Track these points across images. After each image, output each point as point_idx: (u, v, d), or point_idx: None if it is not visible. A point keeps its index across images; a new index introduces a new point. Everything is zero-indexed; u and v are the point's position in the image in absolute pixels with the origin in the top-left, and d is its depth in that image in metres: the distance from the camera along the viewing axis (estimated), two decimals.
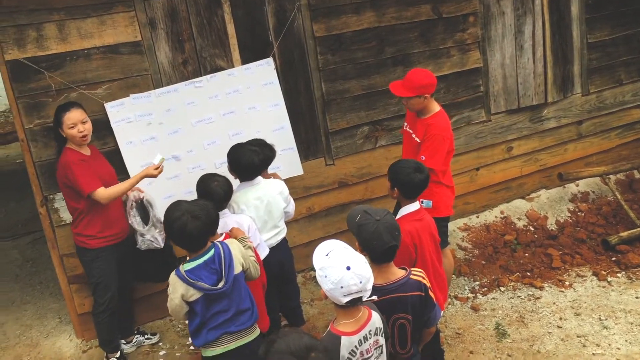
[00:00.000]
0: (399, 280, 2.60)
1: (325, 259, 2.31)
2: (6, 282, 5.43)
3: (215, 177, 3.49)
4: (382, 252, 2.56)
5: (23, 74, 3.85)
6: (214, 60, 4.40)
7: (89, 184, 3.65)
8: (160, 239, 3.92)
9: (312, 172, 4.86)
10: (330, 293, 2.26)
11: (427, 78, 3.99)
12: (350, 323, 2.33)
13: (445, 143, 4.00)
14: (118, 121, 4.12)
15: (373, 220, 2.57)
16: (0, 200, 7.70)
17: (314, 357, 1.89)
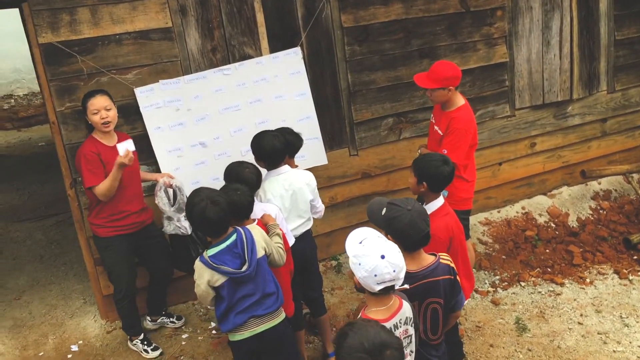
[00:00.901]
0: (430, 266, 2.63)
1: (360, 246, 2.34)
2: (31, 262, 5.53)
3: (245, 164, 3.51)
4: (418, 240, 2.59)
5: (56, 57, 3.91)
6: (243, 48, 4.43)
7: (90, 178, 3.68)
8: (187, 226, 3.95)
9: (336, 162, 4.88)
10: (363, 281, 2.29)
11: (452, 70, 3.99)
12: (382, 310, 2.36)
13: (468, 137, 4.01)
14: (147, 106, 4.17)
15: (405, 211, 2.59)
16: (24, 183, 7.82)
17: (389, 356, 1.86)
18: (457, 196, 4.05)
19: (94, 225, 3.87)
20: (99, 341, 4.26)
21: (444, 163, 3.22)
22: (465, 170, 4.12)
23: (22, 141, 10.53)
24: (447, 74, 3.96)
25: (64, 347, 4.22)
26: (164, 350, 4.12)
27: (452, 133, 3.98)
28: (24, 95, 11.75)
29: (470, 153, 4.14)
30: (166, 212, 3.91)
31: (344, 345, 1.91)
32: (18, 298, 4.89)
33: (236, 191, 3.09)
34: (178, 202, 3.95)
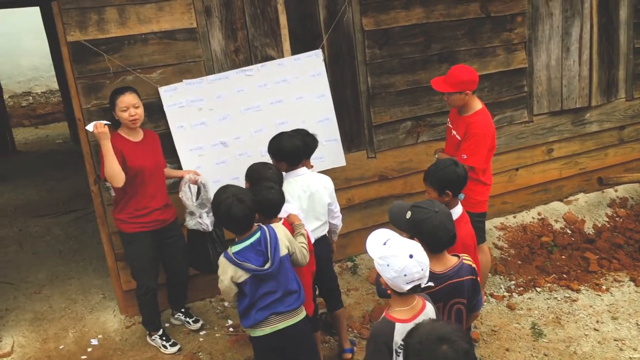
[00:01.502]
0: (455, 266, 2.67)
1: (385, 248, 2.37)
2: (50, 257, 5.61)
3: (268, 164, 3.55)
4: (446, 241, 2.62)
5: (83, 55, 3.98)
6: (265, 50, 4.48)
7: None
8: (209, 223, 4.00)
9: (353, 164, 4.92)
10: (392, 281, 2.32)
11: (469, 74, 4.02)
12: (405, 310, 2.40)
13: (487, 141, 4.03)
14: (171, 105, 4.23)
15: (433, 213, 2.62)
16: (42, 179, 7.94)
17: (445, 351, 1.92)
18: (473, 199, 4.08)
19: (118, 221, 3.93)
20: (119, 336, 4.32)
21: (455, 165, 3.25)
22: (484, 174, 4.15)
23: (40, 138, 10.68)
24: (464, 77, 3.99)
25: (84, 340, 4.28)
26: (182, 346, 4.16)
27: (471, 138, 4.01)
28: (41, 93, 11.93)
29: (489, 157, 4.17)
30: (189, 206, 3.96)
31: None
32: (38, 292, 4.97)
33: (270, 189, 3.15)
34: (201, 198, 4.00)
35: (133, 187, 3.81)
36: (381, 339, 2.33)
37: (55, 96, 11.76)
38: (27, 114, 11.65)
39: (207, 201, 3.97)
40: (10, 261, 5.57)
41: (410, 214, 2.74)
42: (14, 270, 5.37)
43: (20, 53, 11.32)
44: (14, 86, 11.47)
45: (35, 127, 11.58)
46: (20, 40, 11.15)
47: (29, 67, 11.65)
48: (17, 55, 11.26)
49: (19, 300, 4.86)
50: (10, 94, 11.26)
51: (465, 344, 1.95)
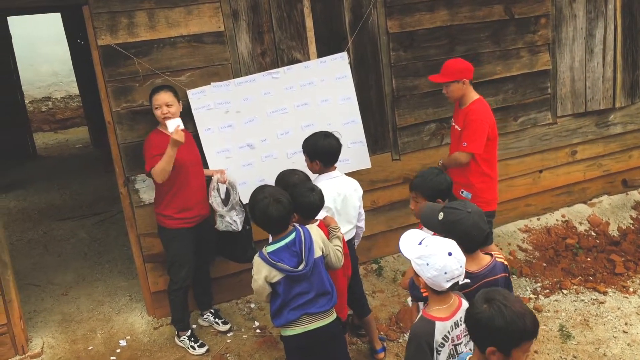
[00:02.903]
0: (489, 265, 2.67)
1: (422, 247, 2.38)
2: (76, 259, 5.66)
3: (296, 171, 3.56)
4: (481, 241, 2.62)
5: (113, 59, 4.03)
6: (291, 53, 4.51)
7: (150, 163, 3.81)
8: (238, 222, 4.02)
9: (378, 167, 4.93)
10: (432, 280, 2.33)
11: (463, 63, 4.12)
12: (443, 309, 2.40)
13: (484, 127, 4.04)
14: (198, 108, 4.27)
15: (466, 213, 2.63)
16: (64, 183, 8.01)
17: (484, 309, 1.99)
18: (481, 197, 4.08)
19: (162, 217, 3.98)
20: (147, 337, 4.35)
21: (439, 172, 3.29)
22: (489, 165, 4.13)
23: (60, 143, 10.78)
24: (458, 66, 4.08)
25: (113, 342, 4.32)
26: (210, 348, 4.19)
27: (469, 125, 4.04)
28: (61, 98, 12.04)
29: (491, 147, 4.15)
30: (219, 211, 3.99)
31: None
32: (65, 294, 5.02)
33: (312, 191, 3.16)
34: (231, 202, 4.02)
35: (178, 182, 3.88)
36: (423, 339, 2.34)
37: (74, 101, 11.87)
38: (47, 119, 11.77)
39: (236, 204, 4.00)
40: (36, 264, 5.63)
41: (443, 215, 2.74)
42: (41, 273, 5.42)
43: (41, 59, 11.44)
44: (34, 91, 11.58)
45: (54, 132, 11.68)
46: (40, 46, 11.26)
47: (49, 72, 11.77)
48: (37, 61, 11.37)
49: (46, 302, 4.90)
50: (30, 99, 11.38)
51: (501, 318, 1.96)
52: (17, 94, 9.27)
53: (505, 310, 1.96)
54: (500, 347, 1.98)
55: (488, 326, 1.97)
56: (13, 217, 6.82)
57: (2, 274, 4.04)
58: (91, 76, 7.94)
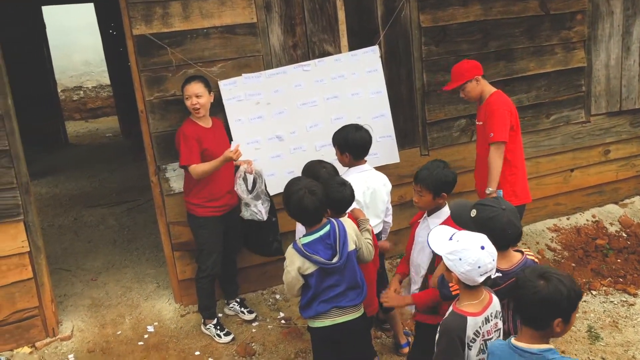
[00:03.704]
0: (520, 262, 2.64)
1: (453, 243, 2.36)
2: (105, 246, 5.76)
3: (323, 163, 3.56)
4: (514, 238, 2.60)
5: (147, 48, 4.07)
6: (323, 45, 4.51)
7: (188, 157, 3.89)
8: (263, 212, 4.04)
9: (407, 161, 4.91)
10: (466, 275, 2.31)
11: (467, 62, 4.14)
12: (475, 304, 2.39)
13: (505, 113, 4.03)
14: (230, 99, 4.29)
15: (500, 210, 2.60)
16: (94, 171, 8.15)
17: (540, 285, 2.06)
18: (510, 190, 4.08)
19: (191, 205, 4.04)
20: (174, 324, 4.41)
21: (445, 165, 3.22)
22: (513, 155, 4.12)
23: (90, 131, 10.96)
24: (464, 66, 4.11)
25: (140, 327, 4.39)
26: (236, 336, 4.23)
27: (490, 115, 4.04)
28: (92, 88, 12.23)
29: (514, 137, 4.11)
30: (244, 199, 4.00)
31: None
32: (95, 279, 5.11)
33: (343, 186, 3.17)
34: (256, 190, 4.04)
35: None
36: (455, 334, 2.33)
37: (105, 91, 12.05)
38: (78, 108, 11.98)
39: (262, 193, 4.01)
40: (67, 249, 5.74)
41: (475, 212, 2.71)
42: (71, 258, 5.53)
43: (73, 48, 11.64)
44: (66, 80, 11.79)
45: (85, 120, 11.89)
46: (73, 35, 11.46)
47: (81, 62, 11.97)
48: (70, 50, 11.57)
49: (76, 287, 5.00)
50: (62, 88, 11.58)
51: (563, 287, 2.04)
52: (50, 82, 9.45)
53: (563, 279, 2.07)
54: (564, 315, 2.07)
55: (555, 299, 2.04)
56: (45, 203, 6.96)
57: (35, 258, 4.13)
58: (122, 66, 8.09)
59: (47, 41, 9.39)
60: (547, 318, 2.07)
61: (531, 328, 2.12)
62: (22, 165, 4.00)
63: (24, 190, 4.01)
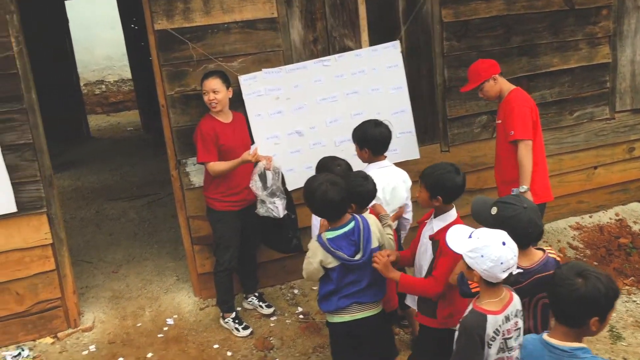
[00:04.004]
0: (541, 260, 2.61)
1: (474, 240, 2.34)
2: (126, 238, 5.82)
3: (337, 160, 3.55)
4: (535, 237, 2.57)
5: (169, 43, 4.10)
6: (343, 40, 4.50)
7: (204, 155, 3.95)
8: (280, 209, 4.04)
9: (427, 157, 4.86)
10: (489, 272, 2.29)
11: (483, 62, 4.07)
12: (495, 302, 2.37)
13: (526, 110, 3.96)
14: (249, 94, 4.30)
15: (522, 209, 2.57)
16: (116, 164, 8.23)
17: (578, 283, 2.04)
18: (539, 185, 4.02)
19: (210, 199, 4.09)
20: (193, 317, 4.45)
21: (456, 172, 2.97)
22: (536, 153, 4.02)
23: (112, 125, 11.06)
24: (480, 66, 4.05)
25: (160, 319, 4.43)
26: (254, 330, 4.25)
27: (510, 113, 3.96)
28: (114, 82, 12.34)
29: (534, 134, 4.02)
30: (259, 195, 4.00)
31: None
32: (116, 271, 5.17)
33: (366, 179, 3.16)
34: (271, 187, 4.04)
35: None
36: (475, 332, 2.31)
37: (126, 85, 12.15)
38: (100, 102, 12.10)
39: (277, 190, 4.02)
40: (88, 241, 5.82)
41: (496, 210, 2.68)
42: (93, 250, 5.61)
43: (95, 42, 11.74)
44: (88, 74, 11.90)
45: (107, 114, 12.00)
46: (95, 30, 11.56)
47: (103, 56, 12.07)
48: (92, 44, 11.68)
49: (98, 279, 5.07)
50: (85, 82, 11.70)
51: (601, 285, 2.02)
52: (73, 76, 9.56)
53: (601, 277, 2.05)
54: (601, 314, 2.06)
55: (593, 298, 2.02)
56: (67, 195, 7.06)
57: (58, 249, 4.19)
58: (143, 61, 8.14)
59: (70, 35, 9.49)
60: (584, 316, 2.05)
61: (566, 326, 2.11)
62: (45, 158, 4.06)
63: (47, 183, 4.07)
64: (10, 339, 4.18)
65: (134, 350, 4.12)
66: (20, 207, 3.99)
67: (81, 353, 4.12)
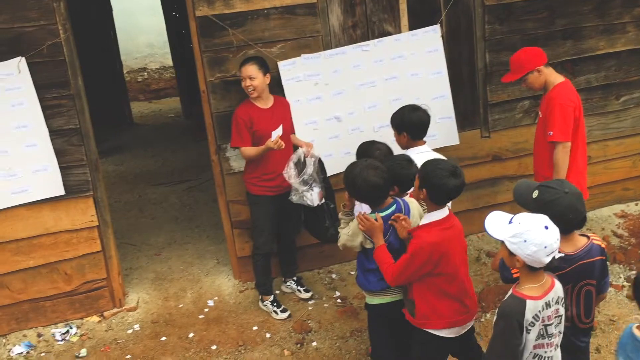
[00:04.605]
0: (585, 247, 2.58)
1: (515, 226, 2.31)
2: (168, 222, 5.96)
3: (377, 144, 3.54)
4: (576, 223, 2.54)
5: (210, 30, 4.15)
6: (382, 25, 4.47)
7: (236, 139, 4.04)
8: (314, 198, 4.03)
9: (466, 143, 4.83)
10: (532, 256, 2.27)
11: (526, 52, 3.89)
12: (535, 288, 2.35)
13: (568, 111, 3.80)
14: (288, 79, 4.33)
15: (562, 193, 2.53)
16: (157, 150, 8.39)
17: None
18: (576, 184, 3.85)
19: (247, 183, 4.18)
20: (232, 299, 4.54)
21: (451, 175, 2.80)
22: (577, 152, 3.90)
23: (154, 112, 11.25)
24: (522, 57, 3.86)
25: (201, 301, 4.54)
26: (292, 314, 4.31)
27: (551, 112, 3.80)
28: (155, 69, 12.55)
29: (574, 132, 3.89)
30: (292, 183, 4.01)
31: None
32: (158, 254, 5.31)
33: (410, 163, 3.16)
34: (304, 175, 4.04)
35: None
36: (514, 317, 2.30)
37: (168, 72, 12.34)
38: (142, 89, 12.31)
39: (310, 178, 4.02)
40: (132, 224, 5.98)
41: (537, 194, 2.65)
42: (136, 233, 5.76)
43: (138, 30, 11.96)
44: (131, 62, 12.14)
45: (149, 101, 12.21)
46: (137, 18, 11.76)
47: (145, 44, 12.29)
48: (135, 32, 11.89)
49: (141, 261, 5.21)
50: (128, 69, 11.94)
51: None
52: (116, 64, 9.76)
53: None
54: None
55: None
56: (112, 180, 7.24)
57: (104, 232, 4.32)
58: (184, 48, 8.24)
59: (114, 24, 9.68)
60: None
61: None
62: (91, 143, 4.18)
63: (93, 167, 4.20)
64: (59, 317, 4.35)
65: (176, 330, 4.24)
66: (68, 191, 4.13)
67: (126, 332, 4.25)
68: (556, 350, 2.48)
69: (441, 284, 2.89)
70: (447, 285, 2.89)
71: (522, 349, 2.37)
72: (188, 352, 4.01)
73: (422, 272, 2.86)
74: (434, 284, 2.89)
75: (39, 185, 4.06)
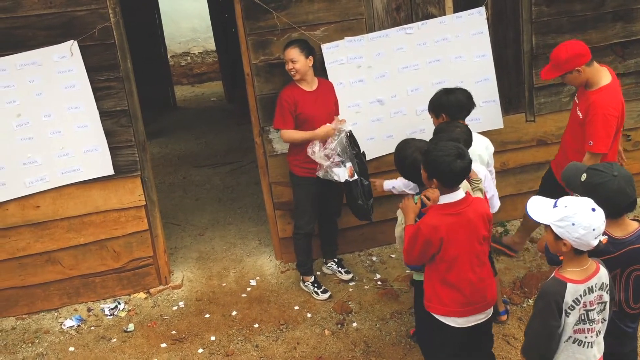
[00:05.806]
0: (636, 231, 2.53)
1: (561, 209, 2.29)
2: (211, 204, 6.08)
3: (456, 123, 3.45)
4: (625, 207, 2.50)
5: (254, 13, 4.19)
6: (427, 7, 4.44)
7: (279, 122, 4.08)
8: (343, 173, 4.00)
9: (510, 127, 4.77)
10: (581, 239, 2.25)
11: (568, 51, 3.63)
12: (578, 272, 2.33)
13: (611, 122, 3.61)
14: (331, 62, 4.34)
15: (611, 177, 2.49)
16: (201, 133, 8.54)
17: None
18: None
19: (291, 164, 4.25)
20: (274, 279, 4.63)
21: (457, 157, 2.76)
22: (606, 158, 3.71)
23: (197, 96, 11.43)
24: (564, 55, 3.63)
25: (244, 280, 4.64)
26: (333, 295, 4.37)
27: (593, 121, 3.61)
28: (198, 54, 12.68)
29: (615, 141, 3.74)
30: (315, 159, 4.00)
31: None
32: (202, 234, 5.43)
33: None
34: (327, 149, 3.99)
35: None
36: (553, 298, 2.30)
37: (210, 57, 12.47)
38: (185, 73, 12.50)
39: (333, 153, 3.97)
40: (176, 205, 6.13)
41: (585, 177, 2.61)
42: (180, 213, 5.90)
43: (181, 15, 12.09)
44: (174, 47, 12.30)
45: (191, 85, 12.41)
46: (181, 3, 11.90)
47: (189, 28, 12.42)
48: (179, 17, 12.03)
49: (185, 241, 5.35)
50: (171, 54, 12.12)
51: None
52: (161, 48, 9.93)
53: None
54: None
55: None
56: (156, 162, 7.41)
57: (151, 211, 4.45)
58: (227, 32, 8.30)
59: (159, 8, 9.83)
60: None
61: None
62: (139, 124, 4.30)
63: (141, 148, 4.32)
64: (108, 292, 4.52)
65: (220, 307, 4.35)
66: (116, 170, 4.26)
67: (171, 308, 4.39)
68: (598, 336, 2.45)
69: (442, 270, 2.89)
70: (447, 273, 2.88)
71: (561, 332, 2.36)
72: (231, 330, 4.11)
73: (428, 253, 2.86)
74: (437, 270, 2.90)
75: (90, 165, 4.21)
